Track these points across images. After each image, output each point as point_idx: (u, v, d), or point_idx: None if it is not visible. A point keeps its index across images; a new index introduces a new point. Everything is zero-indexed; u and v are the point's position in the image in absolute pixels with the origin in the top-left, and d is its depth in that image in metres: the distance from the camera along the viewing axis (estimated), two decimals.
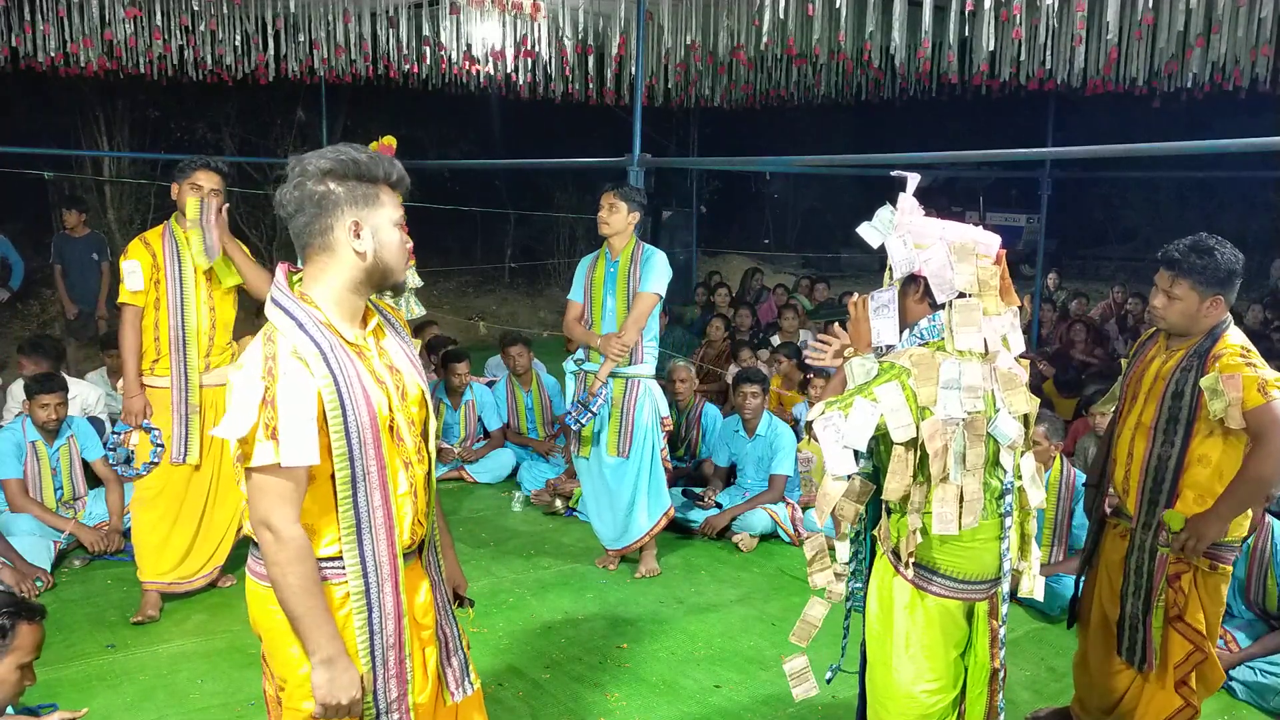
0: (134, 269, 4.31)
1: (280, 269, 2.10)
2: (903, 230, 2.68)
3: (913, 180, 2.72)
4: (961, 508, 2.56)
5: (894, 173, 2.78)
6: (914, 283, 2.68)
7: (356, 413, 2.02)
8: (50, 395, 5.03)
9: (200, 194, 4.34)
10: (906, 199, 2.70)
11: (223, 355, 4.52)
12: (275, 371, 1.96)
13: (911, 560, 2.67)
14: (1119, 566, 3.33)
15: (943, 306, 2.62)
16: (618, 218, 4.83)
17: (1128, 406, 3.36)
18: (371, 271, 2.08)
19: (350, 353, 2.07)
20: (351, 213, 2.03)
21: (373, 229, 2.06)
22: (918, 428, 2.51)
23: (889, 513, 2.73)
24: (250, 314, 5.04)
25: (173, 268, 4.36)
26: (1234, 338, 3.15)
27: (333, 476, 2.04)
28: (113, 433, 4.48)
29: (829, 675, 3.05)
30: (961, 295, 2.58)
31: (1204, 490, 3.14)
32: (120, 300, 4.37)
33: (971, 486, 2.57)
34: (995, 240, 2.68)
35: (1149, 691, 3.33)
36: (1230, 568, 3.23)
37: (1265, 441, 2.99)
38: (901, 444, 2.52)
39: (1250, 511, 3.20)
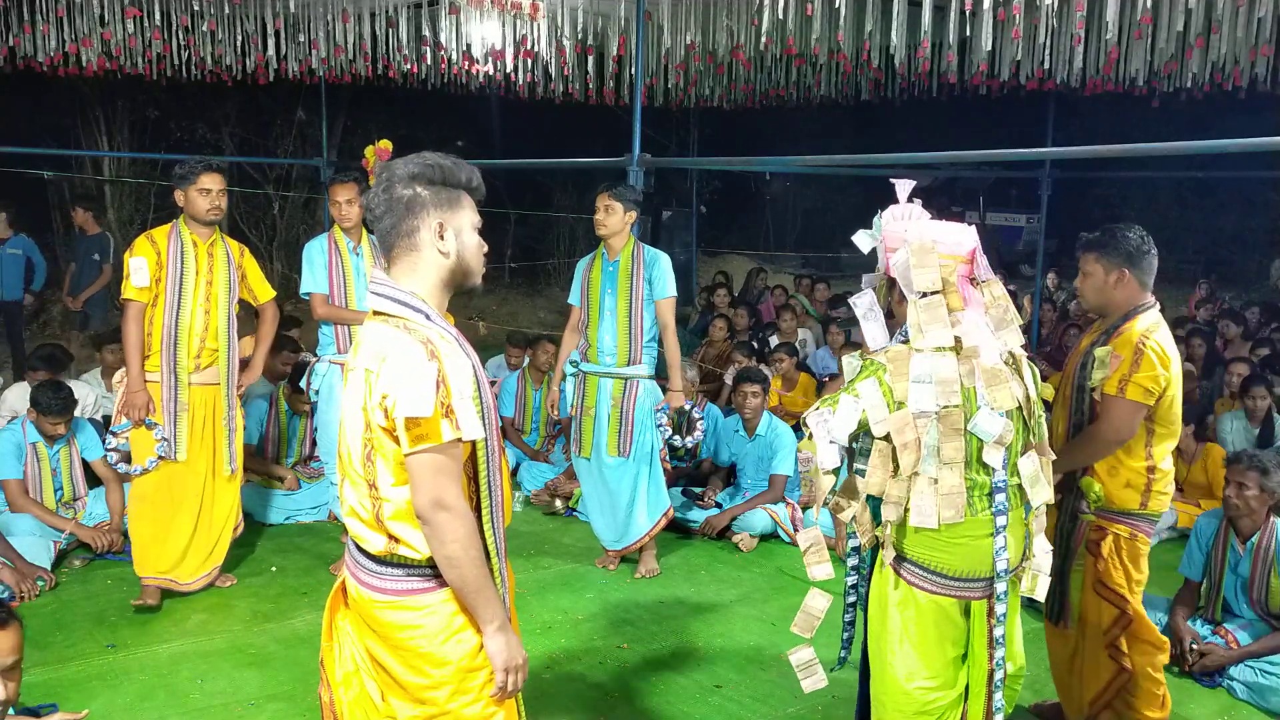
0: (140, 266, 4.35)
1: (377, 271, 2.18)
2: (891, 236, 2.75)
3: (903, 189, 2.76)
4: (940, 501, 2.60)
5: (891, 179, 2.83)
6: (894, 285, 2.76)
7: (485, 393, 2.15)
8: (61, 417, 5.03)
9: (209, 198, 4.37)
10: (899, 209, 2.76)
11: (212, 357, 4.54)
12: (438, 352, 2.05)
13: (901, 556, 2.70)
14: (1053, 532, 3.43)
15: None
16: (614, 218, 4.86)
17: (1059, 384, 3.51)
18: (455, 271, 2.18)
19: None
20: (436, 215, 2.14)
21: (455, 230, 2.16)
22: None
23: None
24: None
25: (174, 267, 4.40)
26: (1144, 322, 3.24)
27: (472, 456, 2.12)
28: (111, 432, 4.48)
29: (834, 667, 3.05)
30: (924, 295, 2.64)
31: (1112, 459, 3.27)
32: (124, 296, 4.39)
33: (950, 480, 2.60)
34: (965, 235, 2.70)
35: (1089, 663, 3.43)
36: (1149, 540, 3.35)
37: (1098, 426, 3.19)
38: (880, 438, 2.60)
39: (1170, 490, 3.33)
